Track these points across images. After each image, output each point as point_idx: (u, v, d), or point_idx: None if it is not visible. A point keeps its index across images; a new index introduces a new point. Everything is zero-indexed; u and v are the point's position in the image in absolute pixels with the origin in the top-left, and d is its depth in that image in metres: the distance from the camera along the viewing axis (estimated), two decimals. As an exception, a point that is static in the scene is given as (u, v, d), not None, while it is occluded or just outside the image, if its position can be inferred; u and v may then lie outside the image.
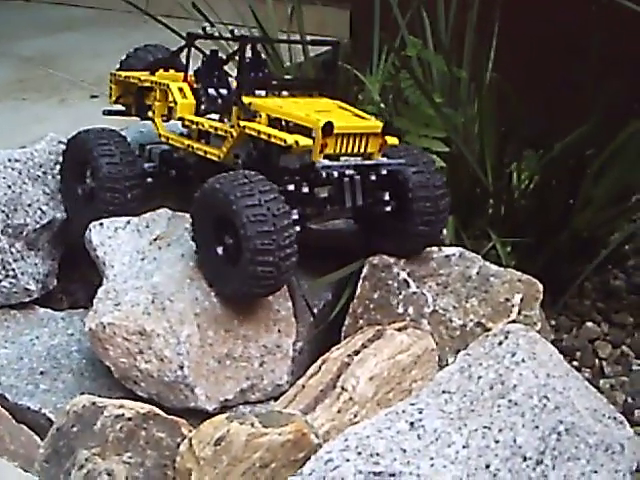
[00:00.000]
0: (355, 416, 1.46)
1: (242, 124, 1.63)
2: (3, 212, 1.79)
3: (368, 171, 1.62)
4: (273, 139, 1.57)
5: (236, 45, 1.70)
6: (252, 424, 1.31)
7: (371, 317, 1.67)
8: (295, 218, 1.55)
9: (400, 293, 1.67)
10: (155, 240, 1.70)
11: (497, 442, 1.27)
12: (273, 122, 1.62)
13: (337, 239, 1.81)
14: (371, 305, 1.67)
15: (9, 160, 1.83)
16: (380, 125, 1.60)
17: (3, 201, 1.79)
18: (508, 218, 1.94)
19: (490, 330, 1.58)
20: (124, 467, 1.36)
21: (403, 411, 1.32)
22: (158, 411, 1.40)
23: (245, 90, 1.67)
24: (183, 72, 1.82)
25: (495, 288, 1.64)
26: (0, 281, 1.78)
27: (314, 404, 1.48)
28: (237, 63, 1.69)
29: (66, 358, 1.67)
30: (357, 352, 1.54)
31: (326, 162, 1.55)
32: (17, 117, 2.30)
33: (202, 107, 1.76)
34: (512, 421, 1.29)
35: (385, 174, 1.62)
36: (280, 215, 1.50)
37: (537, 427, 1.29)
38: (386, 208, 1.66)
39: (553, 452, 1.28)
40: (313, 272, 1.70)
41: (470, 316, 1.63)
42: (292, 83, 1.83)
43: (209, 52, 1.81)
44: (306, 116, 1.58)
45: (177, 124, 1.79)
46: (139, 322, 1.54)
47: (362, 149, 1.59)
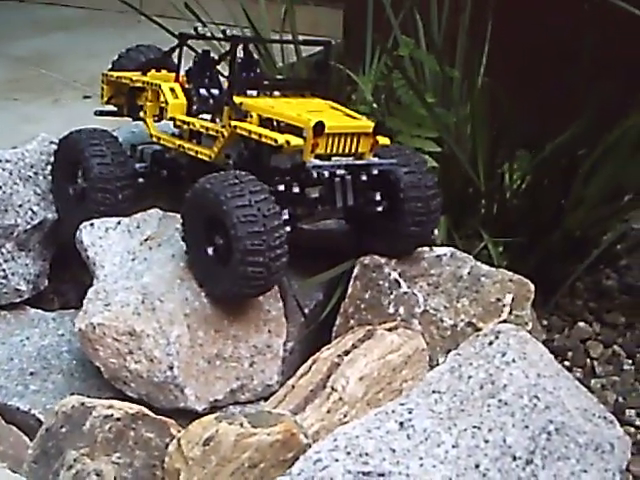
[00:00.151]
0: (345, 416, 1.46)
1: (233, 124, 1.62)
2: (-6, 212, 1.79)
3: (359, 171, 1.62)
4: (264, 139, 1.57)
5: (228, 45, 1.70)
6: (241, 424, 1.31)
7: (362, 317, 1.67)
8: (286, 218, 1.55)
9: (391, 293, 1.67)
10: (146, 240, 1.70)
11: (487, 442, 1.26)
12: (264, 122, 1.62)
13: (328, 239, 1.81)
14: (362, 305, 1.67)
15: (0, 160, 1.83)
16: (371, 125, 1.60)
17: (-6, 201, 1.79)
18: (500, 218, 1.94)
19: (481, 330, 1.58)
20: (113, 467, 1.36)
21: (393, 411, 1.31)
22: (147, 411, 1.40)
23: (236, 90, 1.67)
24: (175, 72, 1.82)
25: (486, 288, 1.64)
26: (-9, 282, 1.79)
27: (304, 404, 1.48)
28: (228, 63, 1.69)
29: (56, 359, 1.67)
30: (347, 352, 1.54)
31: (317, 162, 1.55)
32: (9, 117, 2.29)
33: (194, 107, 1.76)
34: (502, 421, 1.29)
35: (376, 174, 1.62)
36: (270, 216, 1.50)
37: (527, 427, 1.29)
38: (377, 208, 1.66)
39: (543, 452, 1.28)
40: (304, 272, 1.70)
41: (461, 316, 1.63)
42: (284, 83, 1.83)
43: (201, 52, 1.81)
44: (297, 116, 1.58)
45: (169, 124, 1.79)
46: (129, 322, 1.54)
47: (353, 149, 1.59)
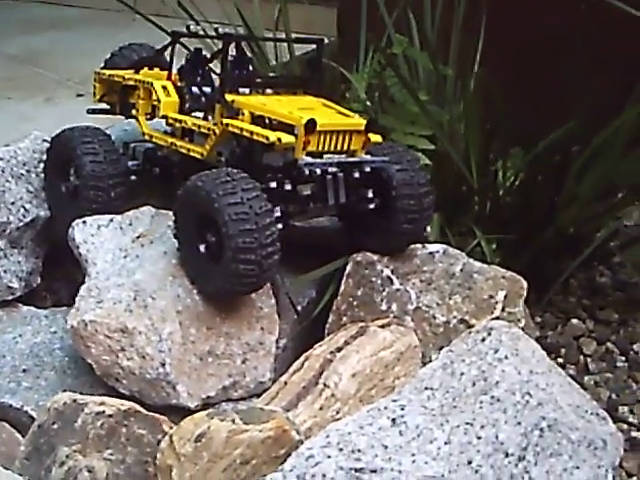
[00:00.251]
0: (337, 413, 1.45)
1: (225, 122, 1.62)
2: (-14, 210, 1.79)
3: (351, 168, 1.61)
4: (256, 136, 1.56)
5: (221, 43, 1.70)
6: (233, 421, 1.31)
7: (355, 314, 1.66)
8: (278, 216, 1.54)
9: (383, 290, 1.67)
10: (138, 238, 1.70)
11: (479, 438, 1.26)
12: (256, 120, 1.62)
13: (321, 236, 1.81)
14: (355, 302, 1.67)
15: (-8, 158, 1.83)
16: (363, 122, 1.59)
17: (-14, 199, 1.79)
18: (493, 215, 1.94)
19: (473, 327, 1.57)
20: (105, 464, 1.36)
21: (385, 407, 1.31)
22: (139, 408, 1.40)
23: (228, 88, 1.67)
24: (167, 70, 1.82)
25: (479, 285, 1.64)
26: (-17, 279, 1.78)
27: (296, 401, 1.47)
28: (220, 61, 1.69)
29: (49, 356, 1.67)
30: (340, 349, 1.53)
31: (309, 159, 1.55)
32: (2, 116, 2.29)
33: (186, 105, 1.76)
34: (494, 417, 1.29)
35: (369, 171, 1.62)
36: (262, 213, 1.49)
37: (519, 423, 1.29)
38: (370, 206, 1.66)
39: (535, 448, 1.28)
40: (296, 269, 1.69)
41: (453, 313, 1.63)
42: (276, 81, 1.83)
43: (193, 50, 1.81)
44: (289, 113, 1.57)
45: (161, 122, 1.79)
46: (121, 319, 1.54)
47: (345, 146, 1.59)
